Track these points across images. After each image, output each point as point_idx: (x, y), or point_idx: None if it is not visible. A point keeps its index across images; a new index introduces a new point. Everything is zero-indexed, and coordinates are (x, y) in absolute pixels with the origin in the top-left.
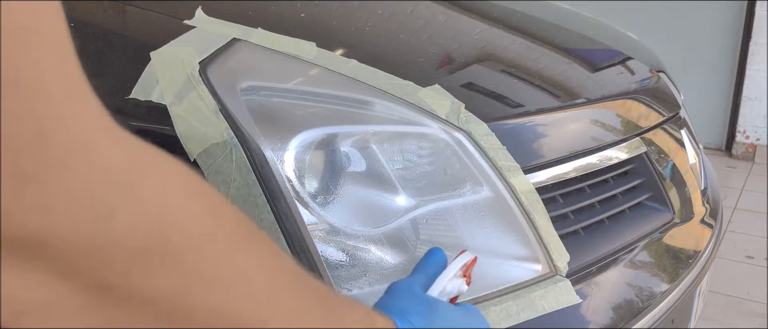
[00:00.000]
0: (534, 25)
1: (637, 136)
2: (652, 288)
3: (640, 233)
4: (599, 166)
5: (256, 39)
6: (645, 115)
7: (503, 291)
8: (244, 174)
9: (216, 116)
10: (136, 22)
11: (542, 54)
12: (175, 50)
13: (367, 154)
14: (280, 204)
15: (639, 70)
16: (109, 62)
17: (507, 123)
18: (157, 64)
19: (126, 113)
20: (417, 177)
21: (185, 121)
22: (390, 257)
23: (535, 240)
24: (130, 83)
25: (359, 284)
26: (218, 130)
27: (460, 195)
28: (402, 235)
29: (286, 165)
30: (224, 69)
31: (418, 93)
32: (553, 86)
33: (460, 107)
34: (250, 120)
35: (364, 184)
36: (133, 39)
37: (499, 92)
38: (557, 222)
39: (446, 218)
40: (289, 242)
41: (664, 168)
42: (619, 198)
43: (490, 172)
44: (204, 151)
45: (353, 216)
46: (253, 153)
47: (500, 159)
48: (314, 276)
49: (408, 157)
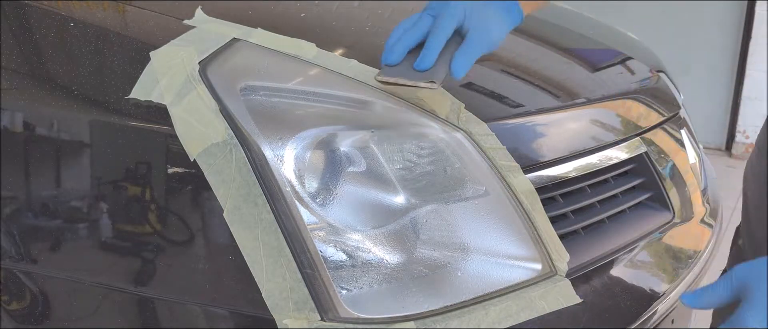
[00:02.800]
0: (534, 25)
1: (637, 136)
2: (652, 288)
3: (640, 233)
4: (599, 166)
5: (256, 39)
6: (645, 115)
7: (503, 291)
8: (244, 174)
9: (216, 116)
10: (136, 22)
11: (542, 54)
12: (175, 50)
13: (367, 154)
14: (280, 204)
15: (639, 70)
16: (110, 62)
17: (507, 123)
18: (157, 64)
19: (126, 113)
20: (417, 177)
21: (185, 121)
22: (390, 257)
23: (535, 240)
24: (130, 83)
25: (359, 284)
26: (218, 130)
27: (460, 195)
28: (402, 235)
29: (286, 165)
30: (224, 69)
31: (418, 93)
32: (553, 86)
33: (460, 107)
34: (250, 120)
35: (364, 184)
36: (133, 39)
37: (499, 92)
38: (557, 222)
39: (446, 218)
40: (289, 242)
41: (664, 168)
42: (619, 198)
43: (489, 172)
44: (204, 151)
45: (353, 216)
46: (253, 153)
47: (500, 159)
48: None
49: (408, 157)
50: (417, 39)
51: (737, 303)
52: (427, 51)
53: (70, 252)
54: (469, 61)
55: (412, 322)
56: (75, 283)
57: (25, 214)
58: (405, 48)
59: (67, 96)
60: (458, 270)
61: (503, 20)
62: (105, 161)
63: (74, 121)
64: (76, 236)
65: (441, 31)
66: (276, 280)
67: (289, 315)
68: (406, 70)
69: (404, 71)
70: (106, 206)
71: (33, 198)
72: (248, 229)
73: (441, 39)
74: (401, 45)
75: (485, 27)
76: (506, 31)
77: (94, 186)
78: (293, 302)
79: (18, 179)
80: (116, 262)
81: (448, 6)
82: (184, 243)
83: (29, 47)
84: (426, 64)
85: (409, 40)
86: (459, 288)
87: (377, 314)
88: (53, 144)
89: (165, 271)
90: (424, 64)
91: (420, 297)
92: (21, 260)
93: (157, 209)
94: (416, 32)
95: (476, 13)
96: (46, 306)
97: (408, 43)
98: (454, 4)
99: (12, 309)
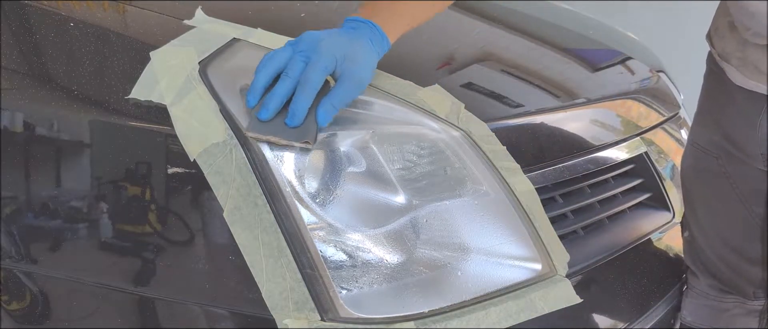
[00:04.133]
0: (534, 25)
1: (637, 136)
2: (652, 287)
3: (640, 233)
4: (599, 166)
5: (256, 39)
6: (645, 115)
7: (503, 291)
8: (244, 174)
9: (216, 116)
10: (136, 22)
11: (542, 54)
12: (175, 50)
13: (367, 154)
14: (280, 204)
15: (639, 70)
16: (110, 62)
17: (507, 123)
18: (157, 64)
19: (126, 113)
20: (417, 177)
21: (185, 121)
22: (390, 257)
23: (535, 240)
24: (130, 83)
25: (359, 284)
26: (218, 130)
27: (460, 195)
28: (402, 235)
29: (286, 165)
30: (224, 69)
31: (418, 93)
32: (553, 86)
33: (460, 107)
34: None
35: (364, 184)
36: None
37: (499, 92)
38: (557, 222)
39: (446, 218)
40: (289, 242)
41: (664, 168)
42: (619, 198)
43: (489, 172)
44: (204, 151)
45: (353, 216)
46: (253, 153)
47: (500, 159)
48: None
49: (408, 157)
50: (289, 91)
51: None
52: (297, 108)
53: (70, 252)
54: (334, 109)
55: (412, 322)
56: (75, 283)
57: (25, 214)
58: (279, 103)
59: (67, 96)
60: (458, 271)
61: (371, 55)
62: (105, 161)
63: (74, 121)
64: (76, 236)
65: (310, 87)
66: (276, 280)
67: (289, 315)
68: (277, 125)
69: (275, 127)
70: (106, 206)
71: (33, 198)
72: (248, 229)
73: (310, 95)
74: (275, 100)
75: (353, 74)
76: (374, 66)
77: (94, 186)
78: (293, 302)
79: (18, 179)
80: (116, 262)
81: (320, 53)
82: (184, 243)
83: (29, 47)
84: (297, 121)
85: (282, 92)
86: (459, 288)
87: (377, 314)
88: (53, 144)
89: (165, 271)
90: (295, 121)
91: (420, 297)
92: (21, 260)
93: (157, 209)
94: (288, 83)
95: (347, 58)
96: (46, 306)
97: (281, 95)
98: (325, 52)
99: (12, 309)
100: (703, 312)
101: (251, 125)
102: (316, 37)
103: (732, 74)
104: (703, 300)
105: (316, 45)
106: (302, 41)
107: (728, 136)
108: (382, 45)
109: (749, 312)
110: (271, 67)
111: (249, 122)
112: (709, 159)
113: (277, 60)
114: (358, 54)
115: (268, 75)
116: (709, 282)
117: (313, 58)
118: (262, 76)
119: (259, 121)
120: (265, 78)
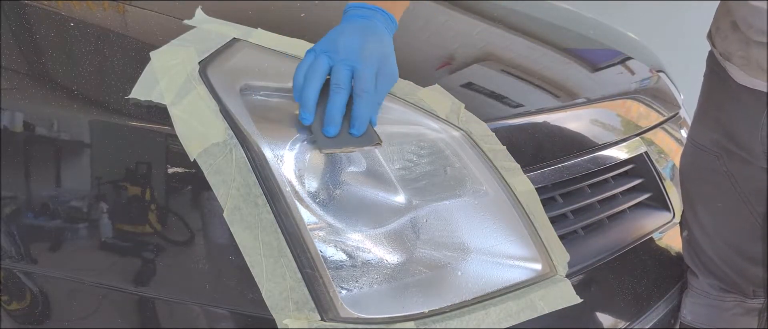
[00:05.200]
0: (534, 25)
1: (637, 136)
2: (652, 287)
3: (640, 233)
4: (599, 166)
5: (255, 39)
6: (645, 115)
7: (503, 291)
8: (244, 174)
9: (216, 116)
10: (136, 22)
11: (542, 54)
12: (175, 50)
13: (367, 154)
14: (280, 204)
15: (639, 70)
16: (110, 62)
17: (507, 123)
18: (157, 64)
19: (126, 113)
20: (417, 177)
21: (185, 121)
22: (390, 257)
23: (535, 240)
24: (130, 83)
25: (359, 284)
26: (218, 130)
27: (460, 195)
28: (402, 235)
29: (286, 165)
30: (224, 69)
31: (418, 93)
32: (553, 86)
33: (460, 107)
34: (250, 120)
35: (364, 184)
36: (133, 39)
37: (499, 92)
38: (557, 222)
39: (446, 218)
40: (288, 242)
41: (664, 168)
42: (619, 198)
43: (489, 172)
44: (204, 151)
45: (353, 216)
46: (253, 153)
47: (500, 159)
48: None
49: (408, 157)
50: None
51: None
52: (361, 118)
53: (70, 252)
54: (379, 107)
55: (412, 322)
56: (75, 283)
57: (25, 214)
58: (342, 116)
59: (67, 96)
60: (458, 270)
61: (391, 45)
62: (105, 161)
63: (74, 121)
64: (76, 236)
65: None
66: (276, 280)
67: (289, 315)
68: (342, 135)
69: (342, 138)
70: (106, 206)
71: (33, 198)
72: (248, 229)
73: (371, 104)
74: (338, 114)
75: (388, 71)
76: (391, 51)
77: (94, 186)
78: (293, 302)
79: (18, 179)
80: (116, 262)
81: (365, 62)
82: (184, 243)
83: (29, 47)
84: (362, 130)
85: (341, 104)
86: (459, 288)
87: (377, 314)
88: (53, 144)
89: (165, 271)
90: (360, 131)
91: (420, 297)
92: (21, 260)
93: (157, 209)
94: (343, 94)
95: (383, 57)
96: (46, 306)
97: (342, 109)
98: (369, 60)
99: (12, 309)
100: (703, 311)
101: (321, 143)
102: (349, 43)
103: (734, 73)
104: (703, 300)
105: (358, 53)
106: (336, 48)
107: (730, 134)
108: (392, 28)
109: (748, 311)
110: (316, 80)
111: (317, 141)
112: (709, 157)
113: (318, 72)
114: (387, 49)
115: (316, 89)
116: (709, 281)
117: (358, 66)
118: (311, 91)
119: (326, 138)
120: (315, 93)
